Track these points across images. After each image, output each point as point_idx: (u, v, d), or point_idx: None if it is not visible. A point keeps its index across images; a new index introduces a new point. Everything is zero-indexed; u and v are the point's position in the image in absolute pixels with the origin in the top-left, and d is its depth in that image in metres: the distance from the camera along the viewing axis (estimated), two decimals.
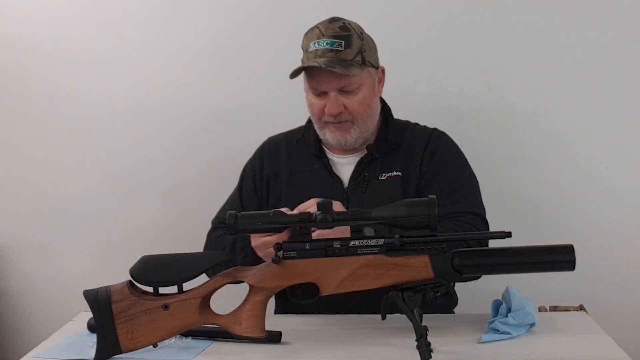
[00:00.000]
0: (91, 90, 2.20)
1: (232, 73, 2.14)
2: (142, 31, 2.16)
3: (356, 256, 1.19)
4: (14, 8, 2.19)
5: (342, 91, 1.53)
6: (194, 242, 1.70)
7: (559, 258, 1.18)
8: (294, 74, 1.54)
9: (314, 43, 1.52)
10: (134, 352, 1.22)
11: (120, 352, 1.21)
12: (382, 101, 1.68)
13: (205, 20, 2.14)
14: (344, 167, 1.64)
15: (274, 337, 1.30)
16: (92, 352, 1.23)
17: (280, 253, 1.21)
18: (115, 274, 1.33)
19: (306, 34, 1.57)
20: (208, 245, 1.67)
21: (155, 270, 1.21)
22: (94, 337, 1.25)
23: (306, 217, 1.19)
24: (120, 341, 1.20)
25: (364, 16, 1.65)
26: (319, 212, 1.18)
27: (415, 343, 1.15)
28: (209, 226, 1.73)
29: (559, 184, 2.06)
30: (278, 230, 1.24)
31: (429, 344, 1.15)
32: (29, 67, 2.21)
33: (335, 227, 1.23)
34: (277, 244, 1.21)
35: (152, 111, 2.19)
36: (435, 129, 1.69)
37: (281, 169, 1.67)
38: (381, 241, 1.19)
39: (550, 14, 2.01)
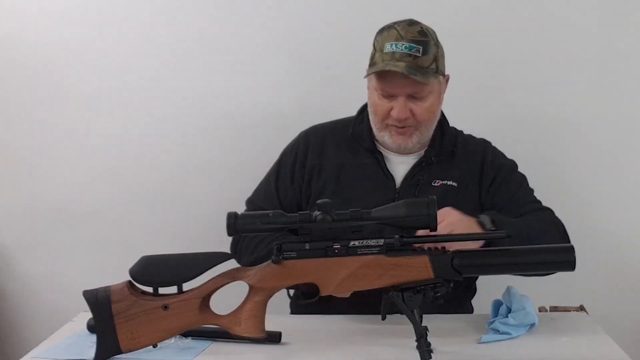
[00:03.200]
0: (91, 90, 2.20)
1: (234, 73, 2.14)
2: (143, 31, 2.15)
3: (356, 256, 1.19)
4: (14, 8, 2.19)
5: (411, 97, 1.50)
6: (194, 242, 1.70)
7: (559, 258, 1.19)
8: (373, 74, 1.50)
9: (392, 45, 1.48)
10: (134, 352, 1.22)
11: (120, 353, 1.21)
12: None
13: (206, 20, 2.14)
14: (398, 166, 1.61)
15: (274, 337, 1.30)
16: (92, 353, 1.22)
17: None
18: (115, 274, 1.33)
19: (381, 32, 1.53)
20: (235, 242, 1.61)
21: (155, 271, 1.21)
22: (93, 338, 1.24)
23: (306, 217, 1.19)
24: (120, 341, 1.20)
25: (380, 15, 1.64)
26: (319, 212, 1.18)
27: (415, 343, 1.15)
28: (209, 226, 1.72)
29: (559, 185, 2.06)
30: (278, 230, 1.23)
31: (429, 344, 1.15)
32: (29, 67, 2.21)
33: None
34: (277, 244, 1.21)
35: (152, 111, 2.19)
36: (484, 140, 1.70)
37: (327, 161, 1.63)
38: (381, 241, 1.19)
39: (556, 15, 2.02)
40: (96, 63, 2.18)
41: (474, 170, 1.61)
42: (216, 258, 1.21)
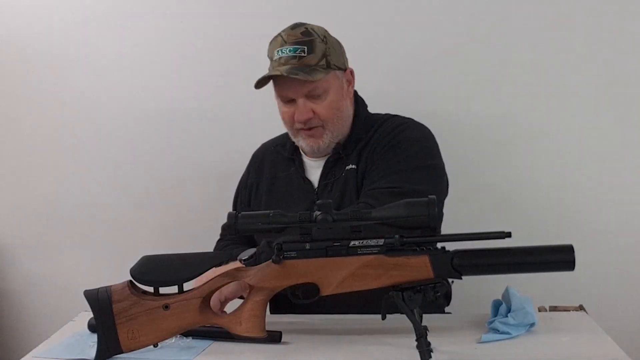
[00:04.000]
0: (92, 91, 2.20)
1: (234, 74, 2.14)
2: (144, 32, 2.16)
3: (356, 256, 1.19)
4: (14, 8, 2.19)
5: (310, 96, 1.53)
6: (194, 242, 1.70)
7: (558, 258, 1.18)
8: (259, 84, 1.54)
9: (278, 51, 1.53)
10: (135, 352, 1.22)
11: (121, 352, 1.22)
12: (357, 98, 1.67)
13: (206, 21, 2.14)
14: (315, 169, 1.65)
15: (274, 337, 1.31)
16: (93, 352, 1.23)
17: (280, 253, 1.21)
18: (115, 274, 1.33)
19: (270, 42, 1.58)
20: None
21: (155, 270, 1.21)
22: (94, 337, 1.25)
23: (306, 217, 1.19)
24: (121, 341, 1.21)
25: (356, 18, 1.65)
26: (319, 212, 1.18)
27: (415, 343, 1.15)
28: (209, 226, 1.73)
29: (559, 185, 2.06)
30: (278, 231, 1.23)
31: (429, 344, 1.15)
32: (29, 67, 2.22)
33: None
34: (277, 243, 1.21)
35: (153, 112, 2.20)
36: (407, 120, 1.65)
37: (263, 177, 1.70)
38: (381, 241, 1.19)
39: (546, 14, 2.02)
40: (96, 63, 2.19)
41: (374, 149, 1.59)
42: (216, 258, 1.22)
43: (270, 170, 1.70)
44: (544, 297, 1.52)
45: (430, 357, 1.14)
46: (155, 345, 1.23)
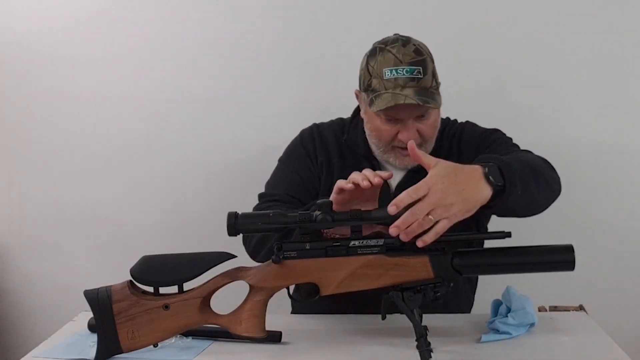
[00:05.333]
0: (92, 90, 2.20)
1: (234, 72, 2.14)
2: (144, 30, 2.16)
3: (356, 256, 1.19)
4: (14, 8, 2.19)
5: (417, 117, 1.47)
6: (194, 242, 1.70)
7: (558, 258, 1.19)
8: (383, 110, 1.43)
9: (391, 70, 1.43)
10: (135, 352, 1.22)
11: (121, 352, 1.21)
12: None
13: (206, 18, 2.14)
14: (394, 172, 1.54)
15: (274, 337, 1.31)
16: (93, 352, 1.23)
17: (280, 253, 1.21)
18: (115, 273, 1.33)
19: (373, 56, 1.47)
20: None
21: (155, 270, 1.21)
22: (94, 337, 1.25)
23: (306, 217, 1.19)
24: (121, 341, 1.20)
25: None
26: (319, 212, 1.18)
27: (415, 343, 1.15)
28: (209, 226, 1.72)
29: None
30: (278, 231, 1.23)
31: (429, 344, 1.15)
32: (29, 66, 2.22)
33: None
34: (277, 243, 1.21)
35: (153, 111, 2.19)
36: (457, 123, 1.66)
37: (333, 160, 1.61)
38: (381, 241, 1.19)
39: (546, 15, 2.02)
40: (96, 63, 2.19)
41: (453, 152, 1.58)
42: (217, 258, 1.21)
43: (339, 157, 1.61)
44: (544, 297, 1.52)
45: (430, 357, 1.14)
46: (155, 345, 1.23)
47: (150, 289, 1.23)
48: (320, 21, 2.10)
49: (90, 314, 1.26)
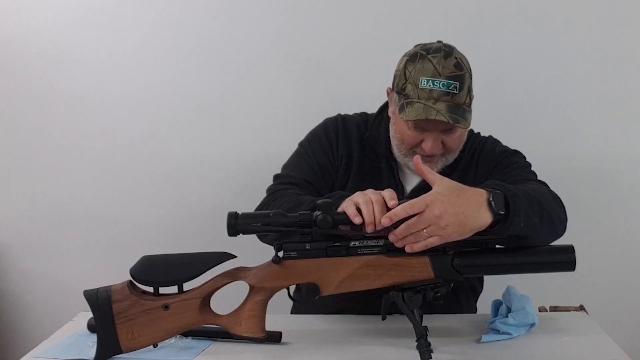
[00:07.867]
0: (92, 90, 2.20)
1: (233, 71, 2.14)
2: (144, 30, 2.16)
3: (356, 256, 1.19)
4: (14, 7, 2.19)
5: (444, 130, 1.44)
6: (194, 242, 1.70)
7: (559, 258, 1.19)
8: (415, 121, 1.41)
9: (428, 81, 1.40)
10: (134, 352, 1.22)
11: (121, 352, 1.21)
12: None
13: (205, 18, 2.14)
14: (411, 176, 1.57)
15: (274, 337, 1.31)
16: (92, 352, 1.23)
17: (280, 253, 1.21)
18: (115, 273, 1.33)
19: (413, 61, 1.43)
20: (269, 201, 1.50)
21: (155, 270, 1.21)
22: (94, 337, 1.25)
23: (306, 217, 1.19)
24: (121, 341, 1.20)
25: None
26: (319, 213, 1.18)
27: (416, 343, 1.15)
28: (210, 226, 1.72)
29: (559, 184, 2.05)
30: (278, 231, 1.23)
31: (429, 344, 1.15)
32: (29, 66, 2.21)
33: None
34: (277, 243, 1.21)
35: (152, 111, 2.19)
36: (480, 136, 1.63)
37: (354, 154, 1.59)
38: (381, 241, 1.19)
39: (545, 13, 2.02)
40: (95, 64, 2.18)
41: (472, 166, 1.57)
42: (217, 258, 1.21)
43: (360, 152, 1.58)
44: (544, 297, 1.52)
45: (431, 357, 1.14)
46: (155, 346, 1.23)
47: (150, 289, 1.23)
48: (321, 21, 2.09)
49: (90, 314, 1.26)
